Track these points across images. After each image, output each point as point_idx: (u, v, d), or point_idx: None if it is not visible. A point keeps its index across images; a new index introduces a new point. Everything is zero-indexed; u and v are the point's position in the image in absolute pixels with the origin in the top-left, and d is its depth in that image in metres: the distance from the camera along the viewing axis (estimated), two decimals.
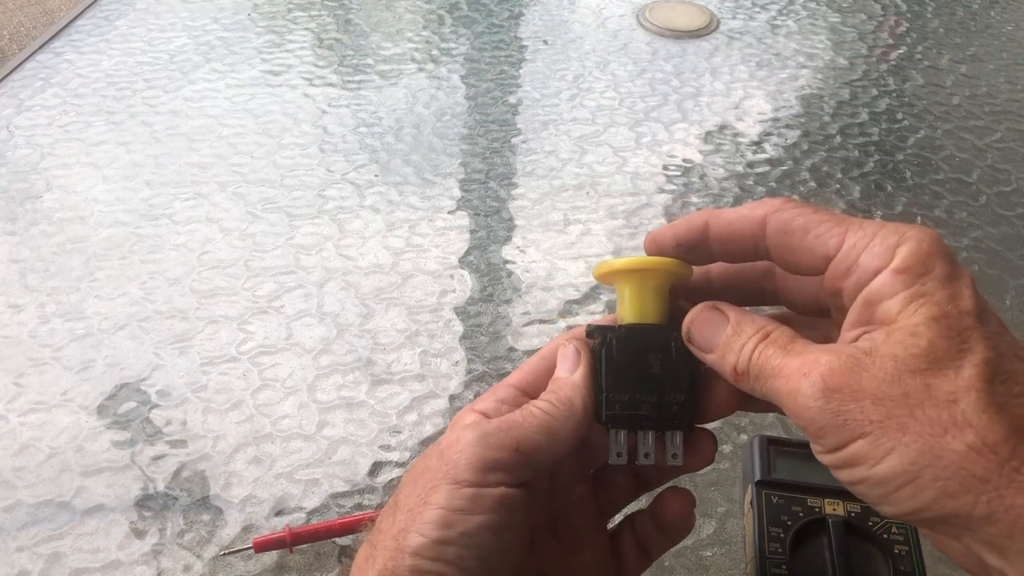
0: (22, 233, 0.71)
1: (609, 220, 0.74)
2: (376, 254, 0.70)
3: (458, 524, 0.26)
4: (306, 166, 0.78)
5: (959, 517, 0.22)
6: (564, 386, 0.29)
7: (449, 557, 0.26)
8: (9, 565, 0.49)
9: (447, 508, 0.27)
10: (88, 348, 0.62)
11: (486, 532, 0.27)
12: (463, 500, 0.27)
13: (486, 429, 0.28)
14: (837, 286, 0.26)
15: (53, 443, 0.56)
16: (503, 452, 0.27)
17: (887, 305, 0.24)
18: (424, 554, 0.26)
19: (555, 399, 0.29)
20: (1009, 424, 0.22)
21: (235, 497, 0.53)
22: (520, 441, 0.28)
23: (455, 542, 0.26)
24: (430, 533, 0.26)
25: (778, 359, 0.25)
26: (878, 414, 0.23)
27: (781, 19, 1.04)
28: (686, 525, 0.32)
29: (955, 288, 0.24)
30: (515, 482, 0.28)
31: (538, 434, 0.28)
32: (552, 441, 0.28)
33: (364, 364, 0.61)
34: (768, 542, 0.36)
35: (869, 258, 0.25)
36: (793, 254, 0.27)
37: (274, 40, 0.96)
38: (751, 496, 0.38)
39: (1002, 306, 0.68)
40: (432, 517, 0.27)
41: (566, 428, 0.29)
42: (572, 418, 0.29)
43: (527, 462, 0.28)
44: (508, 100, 0.88)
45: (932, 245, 0.25)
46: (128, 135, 0.82)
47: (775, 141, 0.84)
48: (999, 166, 0.82)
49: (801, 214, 0.27)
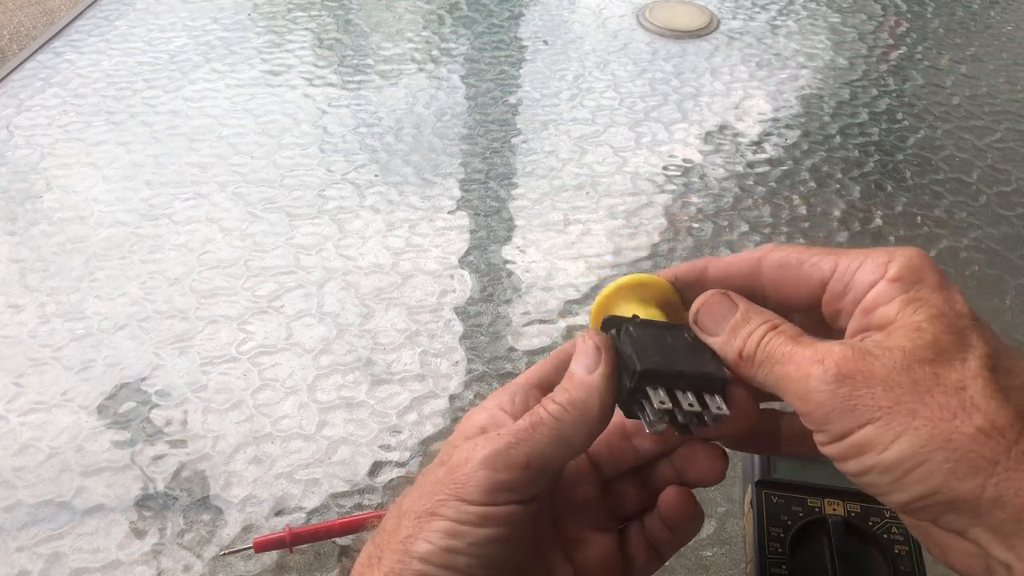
0: (22, 233, 0.71)
1: (609, 220, 0.74)
2: (376, 254, 0.70)
3: (467, 536, 0.26)
4: (306, 166, 0.79)
5: (968, 502, 0.22)
6: (579, 387, 0.28)
7: (458, 565, 0.26)
8: (9, 565, 0.49)
9: (456, 520, 0.27)
10: (88, 348, 0.62)
11: (494, 544, 0.27)
12: (472, 516, 0.27)
13: (496, 447, 0.27)
14: (835, 307, 0.28)
15: (53, 443, 0.56)
16: (513, 472, 0.27)
17: (884, 310, 0.25)
18: (432, 560, 0.26)
19: (567, 401, 0.28)
20: (1015, 409, 0.22)
21: (235, 497, 0.53)
22: (530, 457, 0.27)
23: (463, 552, 0.26)
24: (438, 541, 0.26)
25: (788, 347, 0.26)
26: (888, 400, 0.23)
27: (781, 19, 1.04)
28: (693, 522, 0.31)
29: (948, 294, 0.25)
30: (526, 500, 0.27)
31: (549, 446, 0.27)
32: (565, 449, 0.28)
33: (364, 364, 0.61)
34: (768, 542, 0.36)
35: (863, 275, 0.26)
36: (789, 286, 0.29)
37: (274, 40, 0.96)
38: (751, 496, 0.38)
39: (1002, 306, 0.68)
40: (441, 527, 0.27)
41: (579, 434, 0.28)
42: (586, 423, 0.28)
43: (538, 476, 0.28)
44: (508, 100, 0.88)
45: (921, 259, 0.26)
46: (128, 135, 0.82)
47: (775, 141, 0.84)
48: (999, 166, 0.82)
49: (795, 250, 0.29)
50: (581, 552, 0.31)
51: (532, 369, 0.32)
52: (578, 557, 0.31)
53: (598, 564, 0.31)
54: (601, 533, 0.32)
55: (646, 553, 0.32)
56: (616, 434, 0.32)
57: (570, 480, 0.32)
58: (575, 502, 0.32)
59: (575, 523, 0.32)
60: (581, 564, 0.31)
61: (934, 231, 0.75)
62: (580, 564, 0.31)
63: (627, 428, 0.32)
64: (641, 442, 0.32)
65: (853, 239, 0.73)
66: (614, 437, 0.32)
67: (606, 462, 0.32)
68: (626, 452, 0.32)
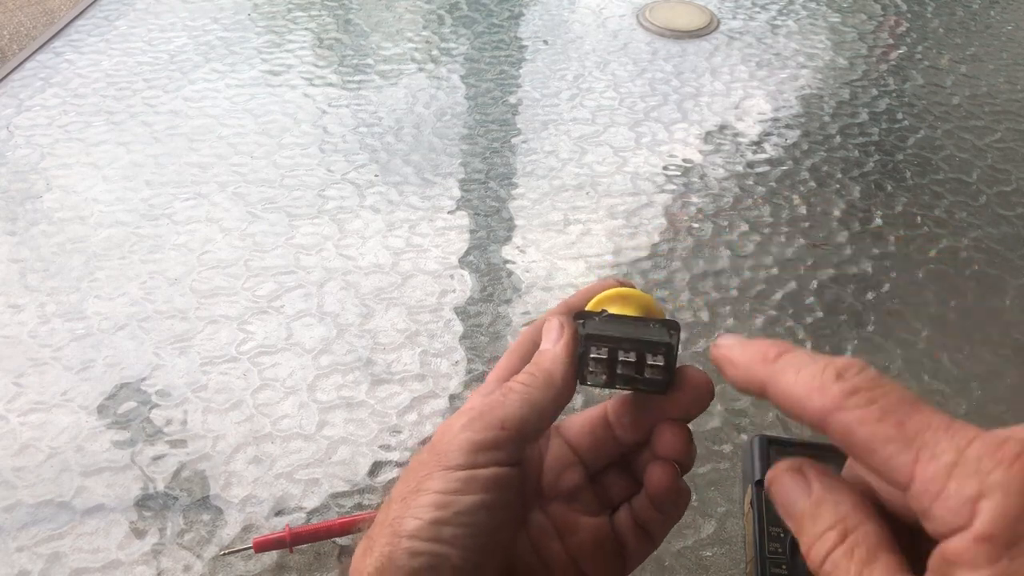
0: (22, 233, 0.71)
1: (609, 220, 0.74)
2: (376, 254, 0.70)
3: (452, 505, 0.27)
4: (306, 166, 0.78)
5: None
6: (544, 358, 0.30)
7: (445, 537, 0.27)
8: (9, 565, 0.49)
9: (441, 491, 0.27)
10: (88, 348, 0.62)
11: (481, 510, 0.27)
12: (457, 482, 0.27)
13: (472, 415, 0.29)
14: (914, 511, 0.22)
15: (53, 443, 0.56)
16: (490, 432, 0.28)
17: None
18: (420, 535, 0.27)
19: (535, 370, 0.30)
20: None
21: (235, 497, 0.53)
22: (504, 419, 0.29)
23: (450, 522, 0.27)
24: (425, 515, 0.27)
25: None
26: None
27: (781, 19, 1.04)
28: (678, 499, 0.32)
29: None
30: (507, 461, 0.28)
31: (520, 408, 0.29)
32: (535, 412, 0.29)
33: (364, 364, 0.61)
34: (768, 542, 0.36)
35: (944, 511, 0.20)
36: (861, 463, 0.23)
37: (274, 40, 0.96)
38: (751, 496, 0.38)
39: (1002, 306, 0.68)
40: (427, 501, 0.27)
41: (546, 398, 0.29)
42: (552, 387, 0.30)
43: (515, 437, 0.29)
44: (508, 100, 0.88)
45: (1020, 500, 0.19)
46: (128, 135, 0.82)
47: (775, 141, 0.84)
48: (999, 166, 0.82)
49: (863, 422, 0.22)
50: (574, 537, 0.32)
51: (498, 367, 0.33)
52: (571, 542, 0.32)
53: (591, 548, 0.32)
54: (592, 517, 0.32)
55: (636, 535, 0.32)
56: (599, 425, 0.33)
57: (557, 468, 0.33)
58: (562, 490, 0.32)
59: (565, 510, 0.32)
60: (575, 548, 0.32)
61: (934, 231, 0.75)
62: (574, 549, 0.32)
63: (609, 419, 0.33)
64: (622, 433, 0.32)
65: (853, 239, 0.73)
66: (597, 428, 0.33)
67: (590, 453, 0.33)
68: (608, 442, 0.33)
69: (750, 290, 0.68)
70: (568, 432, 0.33)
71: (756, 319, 0.66)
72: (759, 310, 0.67)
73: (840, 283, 0.69)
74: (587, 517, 0.32)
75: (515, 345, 0.33)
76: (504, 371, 0.32)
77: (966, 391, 0.61)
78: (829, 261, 0.71)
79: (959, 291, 0.69)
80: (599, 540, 0.32)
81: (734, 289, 0.68)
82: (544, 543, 0.32)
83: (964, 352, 0.64)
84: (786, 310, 0.67)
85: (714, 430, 0.58)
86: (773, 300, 0.67)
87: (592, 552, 0.32)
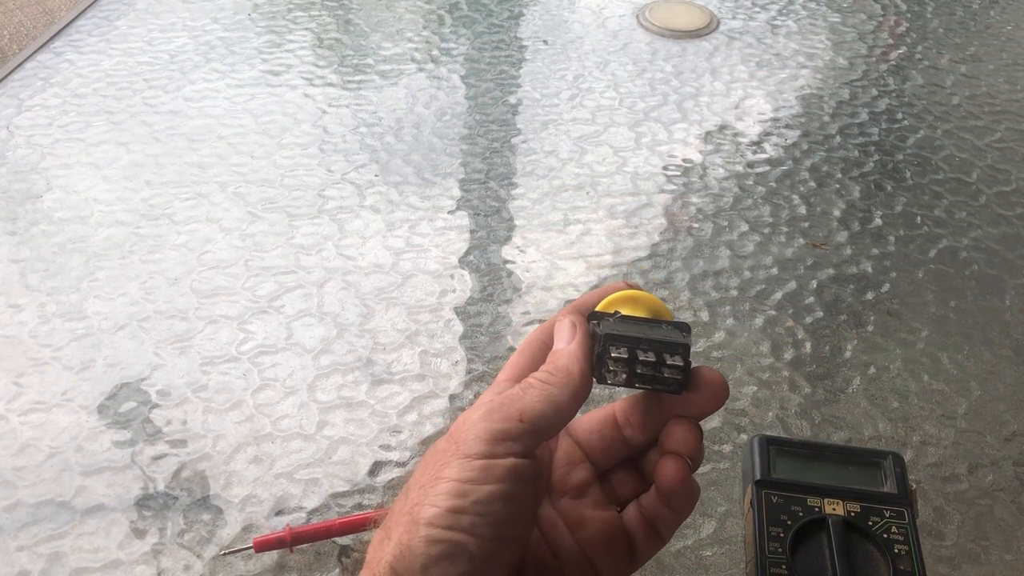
0: (22, 233, 0.71)
1: (609, 220, 0.74)
2: (376, 254, 0.70)
3: (471, 494, 0.27)
4: (306, 166, 0.79)
5: None
6: (561, 355, 0.31)
7: (463, 525, 0.27)
8: (9, 564, 0.49)
9: (459, 480, 0.27)
10: (88, 348, 0.62)
11: (498, 500, 0.27)
12: (475, 471, 0.28)
13: (491, 406, 0.29)
14: None
15: (53, 443, 0.56)
16: (508, 423, 0.29)
17: None
18: (438, 523, 0.27)
19: (552, 368, 0.30)
20: None
21: (235, 497, 0.53)
22: (523, 411, 0.29)
23: (468, 511, 0.27)
24: (443, 503, 0.27)
25: None
26: None
27: (781, 19, 1.04)
28: (686, 494, 0.32)
29: None
30: (523, 452, 0.29)
31: (539, 403, 0.29)
32: (553, 408, 0.29)
33: (364, 364, 0.61)
34: (768, 542, 0.36)
35: None
36: None
37: (274, 40, 0.96)
38: (751, 496, 0.38)
39: (1002, 306, 0.68)
40: (445, 489, 0.27)
41: (565, 394, 0.30)
42: (570, 384, 0.30)
43: (532, 430, 0.29)
44: (508, 100, 0.88)
45: None
46: (128, 135, 0.82)
47: (775, 141, 0.84)
48: (999, 166, 0.82)
49: None
50: (584, 531, 0.32)
51: (507, 367, 0.33)
52: (581, 536, 0.32)
53: (602, 541, 0.32)
54: (602, 511, 0.33)
55: (645, 530, 0.33)
56: (607, 426, 0.33)
57: (566, 465, 0.33)
58: (571, 487, 0.33)
59: (575, 506, 0.33)
60: (585, 542, 0.32)
61: (934, 231, 0.75)
62: (584, 542, 0.32)
63: (618, 420, 0.33)
64: (632, 433, 0.33)
65: (853, 239, 0.73)
66: (606, 429, 0.33)
67: (598, 453, 0.34)
68: (616, 443, 0.33)
69: (750, 290, 0.68)
70: (576, 432, 0.34)
71: (756, 319, 0.66)
72: (759, 310, 0.67)
73: (840, 283, 0.69)
74: (596, 511, 0.33)
75: (523, 346, 0.33)
76: (514, 371, 0.33)
77: (966, 391, 0.61)
78: (829, 261, 0.71)
79: (959, 291, 0.69)
80: (609, 534, 0.32)
81: (734, 289, 0.68)
82: (555, 537, 0.32)
83: (964, 352, 0.64)
84: (786, 310, 0.67)
85: (714, 430, 0.58)
86: (773, 300, 0.67)
87: (602, 545, 0.32)
